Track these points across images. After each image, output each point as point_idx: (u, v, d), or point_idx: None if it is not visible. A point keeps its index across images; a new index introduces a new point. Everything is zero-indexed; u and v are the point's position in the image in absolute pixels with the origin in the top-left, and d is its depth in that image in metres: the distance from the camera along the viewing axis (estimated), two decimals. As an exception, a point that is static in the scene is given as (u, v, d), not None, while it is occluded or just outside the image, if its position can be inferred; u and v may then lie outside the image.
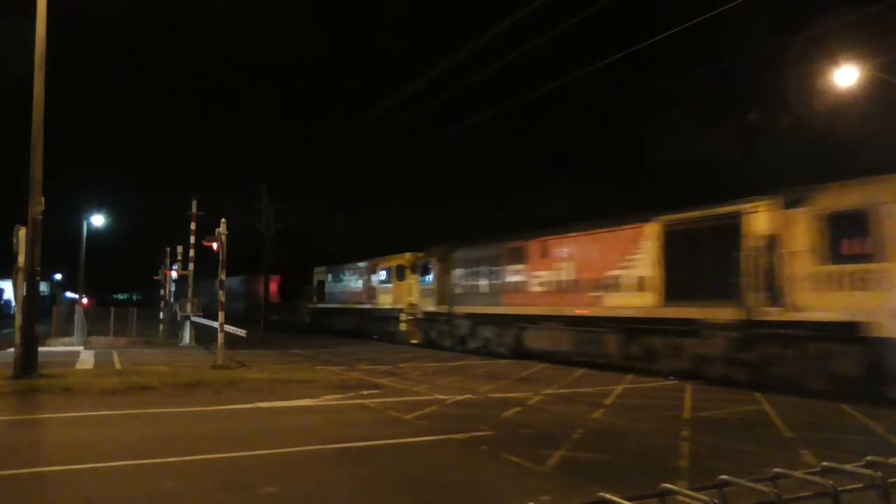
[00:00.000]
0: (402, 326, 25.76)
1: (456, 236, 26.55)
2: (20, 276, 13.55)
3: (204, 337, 24.27)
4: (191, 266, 25.17)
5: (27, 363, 12.88)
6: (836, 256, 11.28)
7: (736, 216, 13.03)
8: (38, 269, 13.48)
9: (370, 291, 29.25)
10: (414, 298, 24.79)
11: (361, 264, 30.66)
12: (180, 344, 24.45)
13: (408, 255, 25.90)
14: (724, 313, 12.91)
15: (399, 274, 26.41)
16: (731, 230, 13.02)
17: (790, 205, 12.11)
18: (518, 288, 19.29)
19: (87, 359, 18.00)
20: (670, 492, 1.37)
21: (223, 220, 17.43)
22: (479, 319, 21.17)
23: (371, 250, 31.70)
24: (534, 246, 18.85)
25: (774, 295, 12.08)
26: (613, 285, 15.90)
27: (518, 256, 19.43)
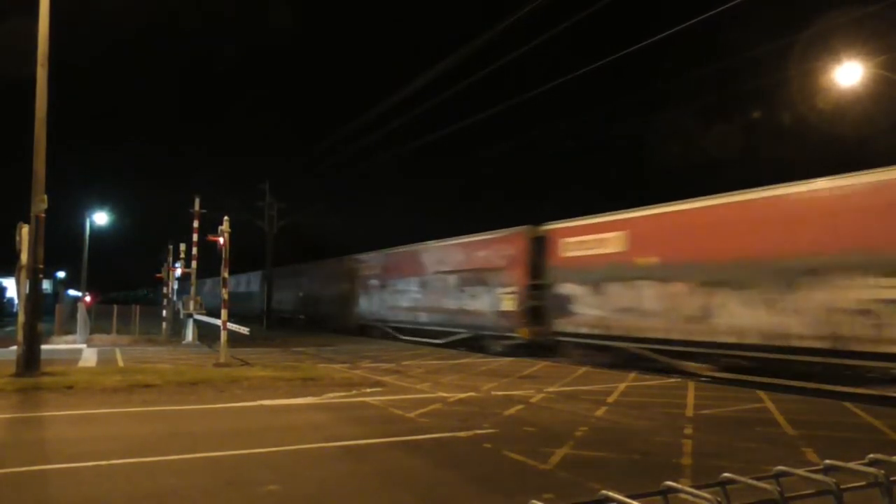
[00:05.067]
0: None
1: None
2: (23, 273, 13.57)
3: (207, 335, 24.30)
4: (194, 264, 25.19)
5: (30, 361, 12.91)
6: None
7: None
8: (41, 266, 13.50)
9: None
10: None
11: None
12: (183, 342, 24.47)
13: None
14: None
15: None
16: None
17: None
18: None
19: (89, 357, 18.02)
20: (673, 489, 1.36)
21: (226, 217, 17.47)
22: None
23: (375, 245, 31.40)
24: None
25: None
26: None
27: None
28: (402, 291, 27.50)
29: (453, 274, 23.83)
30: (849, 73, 16.70)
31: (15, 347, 13.91)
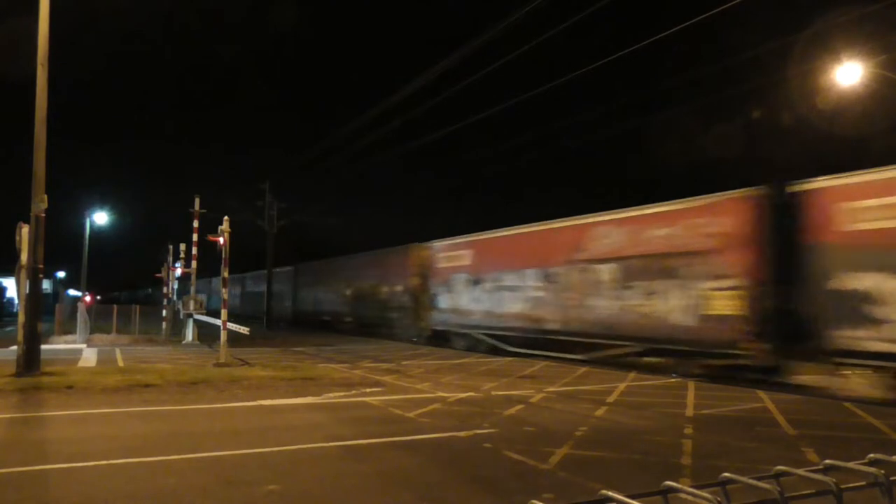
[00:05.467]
0: None
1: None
2: (23, 273, 13.57)
3: (207, 335, 24.30)
4: (194, 264, 25.22)
5: (30, 361, 12.91)
6: None
7: None
8: (41, 266, 13.50)
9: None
10: None
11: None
12: (183, 342, 24.48)
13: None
14: None
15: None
16: None
17: None
18: None
19: (89, 356, 18.02)
20: (673, 489, 1.36)
21: (226, 217, 17.47)
22: None
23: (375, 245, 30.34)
24: None
25: None
26: None
27: None
28: (512, 288, 20.54)
29: (609, 262, 16.95)
30: (849, 73, 16.71)
31: (15, 347, 13.91)
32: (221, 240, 17.41)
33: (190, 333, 24.97)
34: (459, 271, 23.03)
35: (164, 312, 28.96)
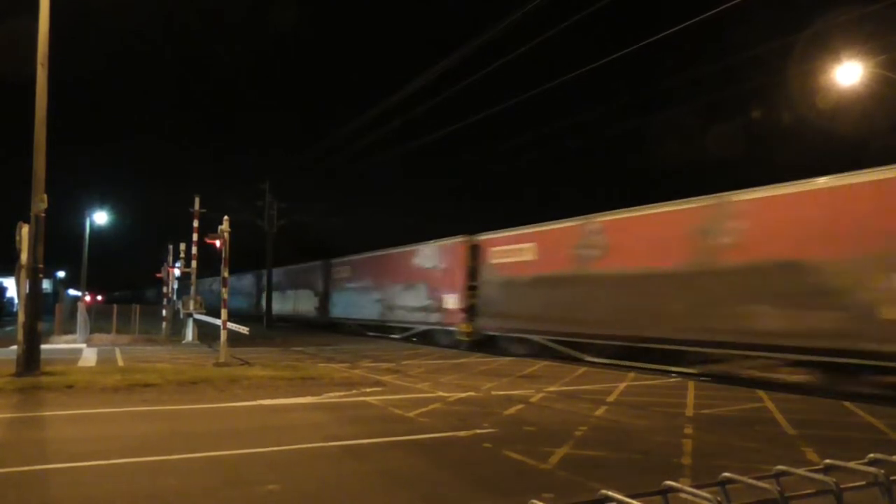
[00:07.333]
0: None
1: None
2: (23, 273, 13.56)
3: (207, 334, 24.29)
4: (193, 264, 25.20)
5: (30, 361, 12.90)
6: None
7: None
8: (41, 266, 13.50)
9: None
10: None
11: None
12: (183, 341, 24.48)
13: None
14: None
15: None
16: None
17: None
18: None
19: (89, 356, 18.02)
20: (673, 489, 1.36)
21: (226, 217, 17.46)
22: None
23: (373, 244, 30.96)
24: None
25: None
26: None
27: None
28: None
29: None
30: (849, 73, 16.69)
31: (15, 347, 13.90)
32: (218, 242, 17.38)
33: (190, 333, 24.96)
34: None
35: (164, 312, 28.95)
